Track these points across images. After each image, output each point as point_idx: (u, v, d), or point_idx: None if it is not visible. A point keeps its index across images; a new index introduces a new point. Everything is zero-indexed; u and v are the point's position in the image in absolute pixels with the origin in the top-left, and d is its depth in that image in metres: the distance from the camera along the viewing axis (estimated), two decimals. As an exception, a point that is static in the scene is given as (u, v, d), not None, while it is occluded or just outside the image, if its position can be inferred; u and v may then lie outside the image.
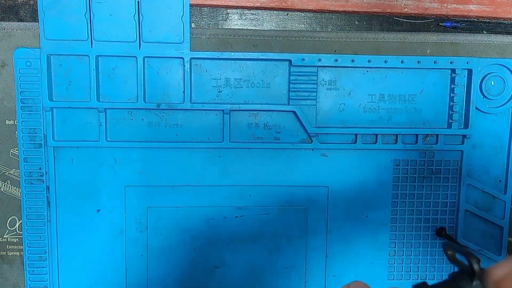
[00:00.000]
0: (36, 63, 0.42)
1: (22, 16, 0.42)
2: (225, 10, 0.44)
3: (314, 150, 0.45)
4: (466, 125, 0.45)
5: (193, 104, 0.43)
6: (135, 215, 0.45)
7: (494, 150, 0.46)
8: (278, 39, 0.43)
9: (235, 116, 0.44)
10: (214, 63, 0.43)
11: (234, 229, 0.45)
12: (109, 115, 0.43)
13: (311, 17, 0.44)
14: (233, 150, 0.44)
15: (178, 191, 0.45)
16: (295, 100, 0.44)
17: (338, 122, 0.45)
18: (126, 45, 0.42)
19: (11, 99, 0.43)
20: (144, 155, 0.44)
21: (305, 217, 0.46)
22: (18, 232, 0.45)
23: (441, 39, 0.44)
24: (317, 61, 0.43)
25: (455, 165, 0.46)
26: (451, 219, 0.47)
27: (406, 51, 0.44)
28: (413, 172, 0.46)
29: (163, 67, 0.43)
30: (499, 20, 0.45)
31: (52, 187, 0.43)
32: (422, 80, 0.45)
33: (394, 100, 0.45)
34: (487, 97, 0.45)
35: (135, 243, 0.45)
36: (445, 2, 0.45)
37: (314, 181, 0.45)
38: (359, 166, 0.45)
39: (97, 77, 0.42)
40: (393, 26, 0.45)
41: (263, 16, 0.44)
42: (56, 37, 0.41)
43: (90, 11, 0.41)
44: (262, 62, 0.43)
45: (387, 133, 0.45)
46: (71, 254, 0.45)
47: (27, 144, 0.43)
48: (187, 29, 0.42)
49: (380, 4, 0.44)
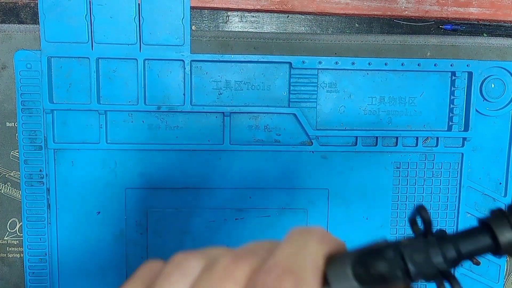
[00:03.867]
0: (37, 65, 0.42)
1: (22, 18, 0.42)
2: (225, 13, 0.44)
3: (314, 152, 0.45)
4: (466, 127, 0.45)
5: (193, 106, 0.43)
6: (135, 217, 0.45)
7: (494, 153, 0.46)
8: (279, 41, 0.43)
9: (236, 119, 0.44)
10: (215, 65, 0.43)
11: (234, 231, 0.45)
12: (110, 117, 0.43)
13: (311, 20, 0.44)
14: (233, 152, 0.44)
15: (178, 193, 0.45)
16: (295, 103, 0.44)
17: (338, 125, 0.45)
18: (126, 47, 0.42)
19: (11, 101, 0.43)
20: (145, 157, 0.44)
21: (305, 219, 0.46)
22: (18, 234, 0.45)
23: (441, 42, 0.44)
24: (318, 64, 0.43)
25: (455, 167, 0.46)
26: (451, 221, 0.47)
27: (406, 54, 0.44)
28: (413, 175, 0.46)
29: (163, 70, 0.43)
30: (499, 23, 0.45)
31: (53, 189, 0.43)
32: (422, 82, 0.45)
33: (394, 102, 0.45)
34: (487, 100, 0.45)
35: (135, 245, 0.45)
36: (446, 5, 0.45)
37: (314, 183, 0.45)
38: (359, 169, 0.45)
39: (98, 79, 0.42)
40: (393, 29, 0.45)
41: (264, 18, 0.44)
42: (56, 39, 0.41)
43: (90, 14, 0.41)
44: (263, 65, 0.43)
45: (387, 136, 0.45)
46: (71, 256, 0.45)
47: (28, 146, 0.43)
48: (187, 31, 0.42)
49: (380, 6, 0.44)
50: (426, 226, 0.18)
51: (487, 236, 0.18)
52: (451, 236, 0.18)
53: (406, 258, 0.17)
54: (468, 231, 0.18)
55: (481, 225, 0.18)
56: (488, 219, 0.18)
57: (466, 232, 0.18)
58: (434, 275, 0.17)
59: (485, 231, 0.18)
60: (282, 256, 0.15)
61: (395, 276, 0.16)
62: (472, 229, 0.18)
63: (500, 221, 0.17)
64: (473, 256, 0.18)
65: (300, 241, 0.16)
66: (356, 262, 0.16)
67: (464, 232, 0.18)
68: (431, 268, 0.17)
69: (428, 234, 0.18)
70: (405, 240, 0.17)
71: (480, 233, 0.18)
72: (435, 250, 0.17)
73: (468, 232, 0.18)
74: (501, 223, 0.17)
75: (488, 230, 0.18)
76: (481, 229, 0.18)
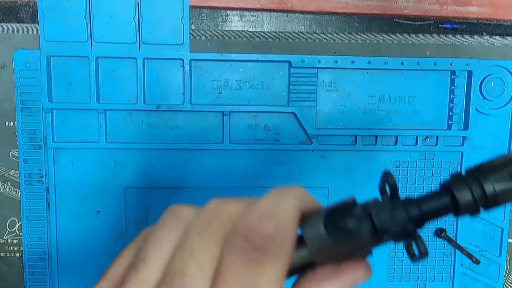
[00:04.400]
0: (36, 64, 0.42)
1: (22, 18, 0.42)
2: (225, 12, 0.44)
3: (314, 151, 0.45)
4: (466, 126, 0.45)
5: (193, 105, 0.43)
6: (134, 216, 0.45)
7: (494, 152, 0.46)
8: (278, 40, 0.43)
9: (235, 118, 0.44)
10: (214, 64, 0.43)
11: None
12: (109, 117, 0.43)
13: (311, 19, 0.44)
14: (233, 151, 0.44)
15: (178, 192, 0.45)
16: (295, 102, 0.44)
17: (338, 124, 0.45)
18: (126, 46, 0.42)
19: (11, 101, 0.42)
20: (144, 157, 0.44)
21: (305, 219, 0.46)
22: (18, 233, 0.45)
23: (441, 41, 0.44)
24: (317, 63, 0.43)
25: (455, 166, 0.46)
26: (451, 220, 0.47)
27: (406, 53, 0.44)
28: (413, 174, 0.46)
29: (163, 69, 0.43)
30: (499, 21, 0.45)
31: (52, 188, 0.43)
32: (422, 81, 0.45)
33: (394, 101, 0.45)
34: (487, 99, 0.45)
35: (135, 244, 0.45)
36: (445, 4, 0.45)
37: (314, 182, 0.45)
38: (359, 168, 0.45)
39: (97, 79, 0.42)
40: (393, 28, 0.45)
41: (263, 17, 0.44)
42: (56, 38, 0.41)
43: (90, 13, 0.41)
44: (262, 64, 0.43)
45: (387, 135, 0.45)
46: (70, 255, 0.45)
47: (27, 145, 0.43)
48: (187, 30, 0.42)
49: (380, 5, 0.44)
50: (392, 190, 0.20)
51: (447, 198, 0.19)
52: (415, 199, 0.19)
53: (372, 215, 0.18)
54: (431, 194, 0.20)
55: (442, 188, 0.20)
56: (449, 182, 0.20)
57: (429, 194, 0.20)
58: (399, 233, 0.18)
59: (446, 193, 0.19)
60: (263, 203, 0.17)
61: (362, 231, 0.18)
62: (435, 192, 0.20)
63: (458, 184, 0.19)
64: (435, 216, 0.19)
65: (280, 194, 0.18)
66: (328, 217, 0.18)
67: (427, 195, 0.20)
68: (396, 225, 0.18)
69: (394, 198, 0.19)
70: (373, 201, 0.19)
71: (442, 195, 0.20)
72: (399, 208, 0.19)
73: (430, 195, 0.20)
74: (459, 185, 0.19)
75: (449, 192, 0.19)
76: (443, 192, 0.20)
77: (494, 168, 0.19)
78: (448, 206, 0.19)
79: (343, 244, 0.18)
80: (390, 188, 0.20)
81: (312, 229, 0.18)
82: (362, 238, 0.18)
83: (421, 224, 0.19)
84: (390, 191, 0.20)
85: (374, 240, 0.18)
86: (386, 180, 0.20)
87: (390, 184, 0.20)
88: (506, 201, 0.19)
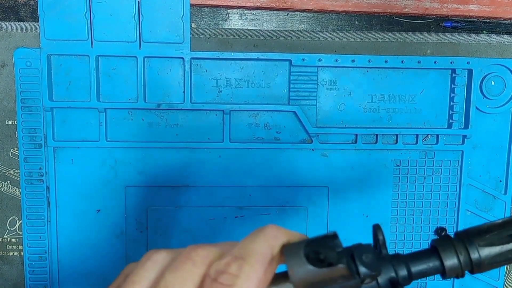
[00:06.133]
0: (36, 63, 0.42)
1: (22, 16, 0.42)
2: (225, 10, 0.44)
3: (314, 150, 0.45)
4: (466, 125, 0.45)
5: (193, 104, 0.43)
6: (135, 215, 0.45)
7: (495, 150, 0.46)
8: (278, 39, 0.43)
9: (235, 116, 0.44)
10: (214, 63, 0.43)
11: (234, 229, 0.45)
12: (109, 115, 0.43)
13: (311, 17, 0.44)
14: (233, 150, 0.44)
15: (178, 191, 0.45)
16: (295, 100, 0.44)
17: (338, 122, 0.45)
18: (126, 45, 0.42)
19: (11, 99, 0.42)
20: (144, 155, 0.44)
21: (305, 217, 0.46)
22: (18, 232, 0.44)
23: (441, 39, 0.44)
24: (317, 61, 0.43)
25: (455, 165, 0.46)
26: (451, 219, 0.47)
27: (406, 51, 0.44)
28: (414, 172, 0.46)
29: (163, 67, 0.43)
30: (499, 20, 0.45)
31: (52, 187, 0.43)
32: (422, 80, 0.45)
33: (394, 100, 0.45)
34: (487, 97, 0.45)
35: (135, 243, 0.45)
36: (445, 2, 0.45)
37: (314, 181, 0.45)
38: (359, 166, 0.45)
39: (97, 77, 0.42)
40: (393, 26, 0.45)
41: (263, 16, 0.44)
42: (56, 37, 0.41)
43: (90, 11, 0.41)
44: (262, 62, 0.43)
45: (387, 133, 0.45)
46: (71, 254, 0.45)
47: (27, 144, 0.43)
48: (187, 29, 0.42)
49: (380, 4, 0.44)
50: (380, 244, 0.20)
51: (435, 260, 0.19)
52: (403, 256, 0.20)
53: (355, 255, 0.18)
54: (419, 253, 0.20)
55: (431, 249, 0.20)
56: (436, 242, 0.20)
57: (417, 254, 0.20)
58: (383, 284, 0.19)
59: (434, 255, 0.19)
60: (236, 248, 0.20)
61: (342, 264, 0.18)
62: (423, 251, 0.20)
63: (446, 247, 0.19)
64: (421, 277, 0.19)
65: (251, 237, 0.20)
66: (308, 247, 0.18)
67: (414, 254, 0.20)
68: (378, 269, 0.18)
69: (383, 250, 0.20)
70: (357, 244, 0.19)
71: (430, 256, 0.19)
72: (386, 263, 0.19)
73: (418, 254, 0.20)
74: (446, 248, 0.19)
75: (436, 254, 0.19)
76: (430, 253, 0.20)
77: (481, 233, 0.19)
78: (435, 268, 0.19)
79: (323, 274, 0.18)
80: (379, 241, 0.20)
81: (293, 255, 0.18)
82: (342, 271, 0.18)
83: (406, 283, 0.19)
84: (379, 244, 0.20)
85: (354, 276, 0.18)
86: (375, 233, 0.20)
87: (379, 238, 0.20)
88: (491, 267, 0.19)
